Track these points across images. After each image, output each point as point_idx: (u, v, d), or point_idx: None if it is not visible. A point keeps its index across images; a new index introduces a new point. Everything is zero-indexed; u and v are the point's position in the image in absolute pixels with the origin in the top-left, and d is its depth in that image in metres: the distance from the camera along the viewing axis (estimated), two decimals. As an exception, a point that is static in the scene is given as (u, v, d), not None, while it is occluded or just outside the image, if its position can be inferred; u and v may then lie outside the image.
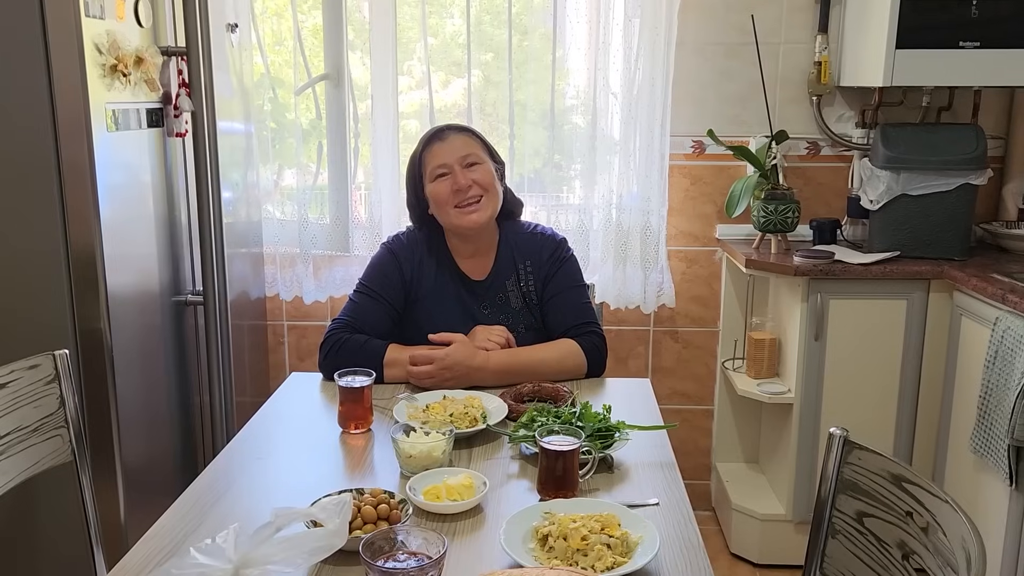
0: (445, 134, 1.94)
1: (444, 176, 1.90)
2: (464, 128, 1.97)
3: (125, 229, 1.96)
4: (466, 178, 1.89)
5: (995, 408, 2.17)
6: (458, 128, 1.97)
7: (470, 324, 1.93)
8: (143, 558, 1.19)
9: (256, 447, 1.58)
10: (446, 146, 1.92)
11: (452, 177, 1.89)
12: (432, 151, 1.93)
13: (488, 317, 1.96)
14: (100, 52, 1.80)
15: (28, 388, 1.55)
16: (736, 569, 2.77)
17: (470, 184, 1.89)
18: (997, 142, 2.89)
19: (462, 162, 1.91)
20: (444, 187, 1.90)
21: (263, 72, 2.82)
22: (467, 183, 1.89)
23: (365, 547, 1.06)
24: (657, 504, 1.35)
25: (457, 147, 1.92)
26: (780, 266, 2.57)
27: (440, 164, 1.91)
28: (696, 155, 2.93)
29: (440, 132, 1.95)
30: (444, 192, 1.90)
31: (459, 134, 1.95)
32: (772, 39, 2.85)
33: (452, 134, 1.94)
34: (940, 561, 1.11)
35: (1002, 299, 2.20)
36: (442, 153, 1.92)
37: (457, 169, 1.90)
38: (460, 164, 1.90)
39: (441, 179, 1.91)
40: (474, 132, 1.98)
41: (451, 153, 1.91)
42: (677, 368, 3.08)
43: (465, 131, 1.97)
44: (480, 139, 1.97)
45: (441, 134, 1.95)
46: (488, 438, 1.60)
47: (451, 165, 1.90)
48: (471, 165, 1.91)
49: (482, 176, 1.92)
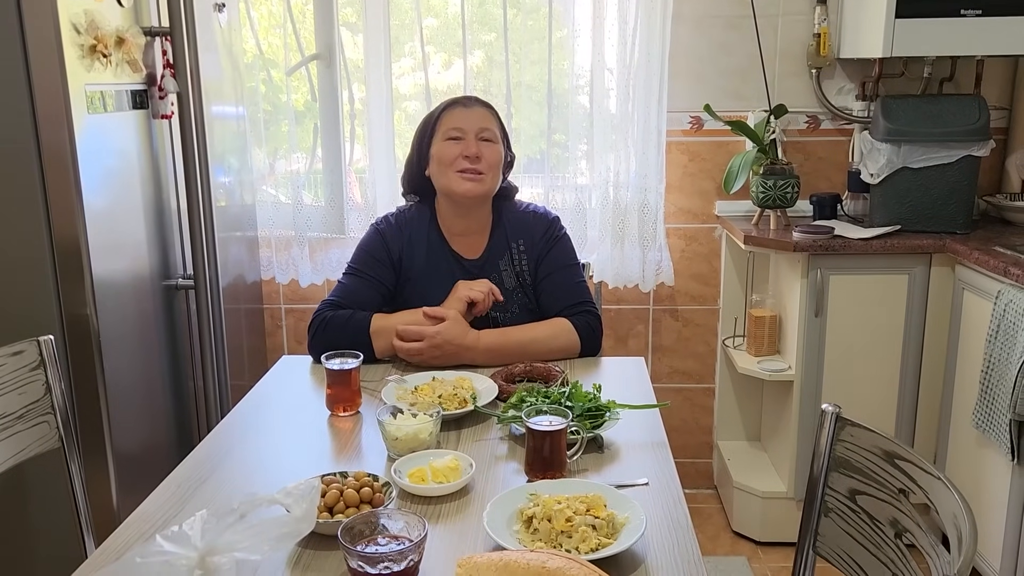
0: (470, 102, 1.95)
1: (457, 140, 1.91)
2: (489, 105, 1.97)
3: (111, 213, 1.94)
4: (477, 148, 1.90)
5: (997, 383, 2.14)
6: (484, 103, 1.97)
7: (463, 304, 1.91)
8: (124, 543, 1.18)
9: (244, 430, 1.56)
10: (469, 113, 1.93)
11: (464, 143, 1.90)
12: (453, 113, 1.93)
13: None
14: (78, 32, 1.77)
15: (12, 375, 1.53)
16: (738, 546, 2.75)
17: (479, 155, 1.89)
18: (1000, 113, 2.84)
19: (478, 133, 1.91)
20: (453, 149, 1.90)
21: (256, 53, 2.78)
22: (475, 151, 1.89)
23: (345, 531, 1.05)
24: (647, 484, 1.33)
25: (478, 118, 1.93)
26: (780, 242, 2.54)
27: (456, 127, 1.91)
28: (694, 131, 2.89)
29: (466, 99, 1.96)
30: (451, 154, 1.90)
31: (483, 108, 1.95)
32: (770, 11, 2.80)
33: (477, 105, 1.95)
34: (932, 539, 1.08)
35: (1004, 272, 2.16)
36: (463, 118, 1.92)
37: (471, 138, 1.90)
38: (476, 135, 1.91)
39: (453, 141, 1.91)
40: (497, 113, 1.98)
41: (471, 121, 1.91)
42: (677, 346, 3.05)
43: (489, 108, 1.97)
44: (500, 122, 1.98)
45: (467, 101, 1.95)
46: (477, 419, 1.58)
47: (467, 131, 1.91)
48: (485, 140, 1.92)
49: (491, 154, 1.91)
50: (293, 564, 1.10)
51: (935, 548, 1.07)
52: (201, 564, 0.82)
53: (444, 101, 1.98)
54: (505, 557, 0.99)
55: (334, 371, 1.60)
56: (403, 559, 1.02)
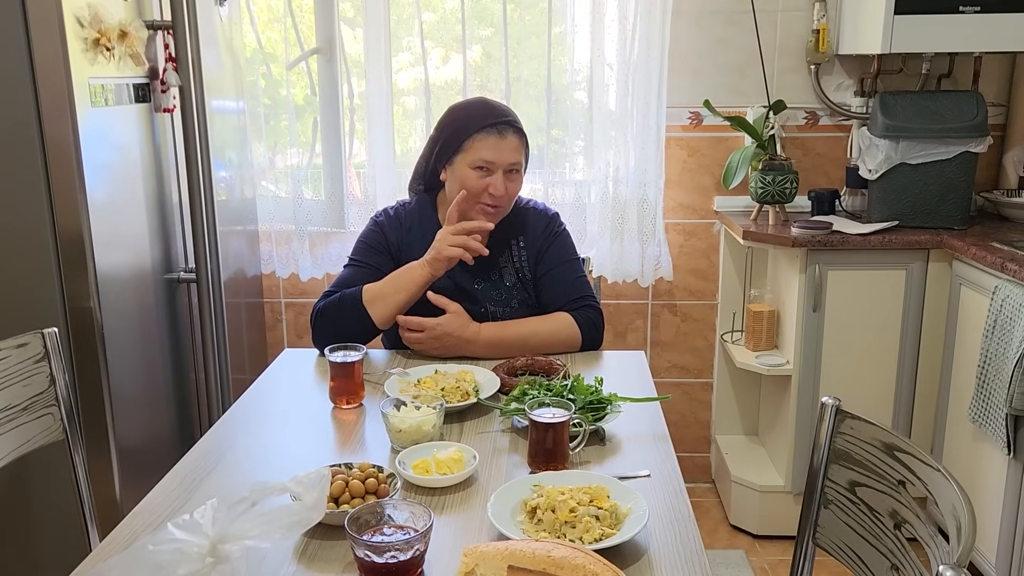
0: (506, 130, 1.86)
1: (486, 172, 1.86)
2: (521, 131, 1.90)
3: (114, 206, 1.94)
4: (502, 187, 1.85)
5: (994, 377, 2.15)
6: (518, 129, 1.89)
7: (463, 299, 1.92)
8: (130, 533, 1.19)
9: (247, 423, 1.57)
10: (502, 144, 1.85)
11: (493, 178, 1.85)
12: (487, 141, 1.85)
13: (481, 292, 1.95)
14: (82, 25, 1.78)
15: (17, 367, 1.54)
16: (735, 540, 2.77)
17: (503, 195, 1.86)
18: (998, 109, 2.85)
19: (508, 168, 1.86)
20: (481, 183, 1.85)
21: (256, 48, 2.79)
22: (502, 192, 1.85)
23: (351, 521, 1.06)
24: (648, 476, 1.34)
25: (510, 151, 1.86)
26: (778, 237, 2.55)
27: (489, 160, 1.85)
28: (693, 126, 2.90)
29: (502, 125, 1.86)
30: (478, 187, 1.86)
31: (516, 136, 1.88)
32: (770, 7, 2.81)
33: (511, 134, 1.87)
34: (932, 530, 1.10)
35: (1001, 268, 2.18)
36: (495, 151, 1.85)
37: (500, 174, 1.85)
38: (505, 169, 1.86)
39: (481, 172, 1.85)
40: (526, 137, 1.92)
41: (504, 156, 1.85)
42: (676, 341, 3.07)
43: (521, 134, 1.90)
44: (526, 143, 1.93)
45: (502, 128, 1.86)
46: (480, 412, 1.59)
47: (497, 166, 1.85)
48: (513, 173, 1.88)
49: (514, 189, 1.89)
50: (300, 554, 1.12)
51: (934, 539, 1.08)
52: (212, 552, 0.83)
53: (478, 108, 1.89)
54: (511, 546, 1.00)
55: (337, 363, 1.61)
56: (409, 548, 1.03)
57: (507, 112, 1.91)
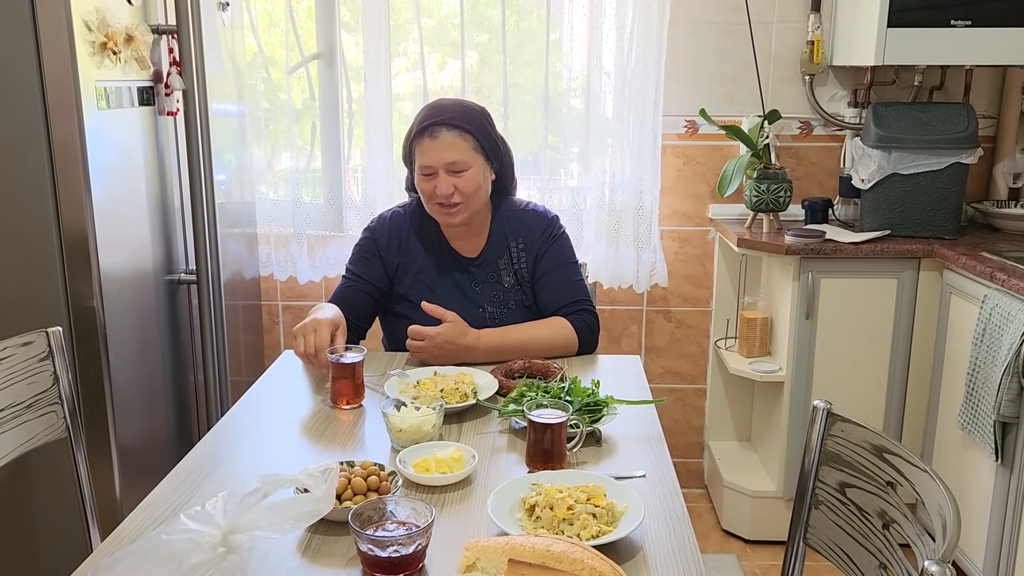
0: (437, 131, 1.86)
1: (429, 175, 1.88)
2: (456, 125, 1.86)
3: (117, 208, 1.96)
4: (448, 186, 1.86)
5: (982, 385, 2.19)
6: (451, 125, 1.86)
7: (461, 300, 1.95)
8: (137, 527, 1.21)
9: (249, 422, 1.60)
10: (435, 145, 1.86)
11: (436, 180, 1.87)
12: (422, 146, 1.87)
13: (480, 294, 1.98)
14: (89, 29, 1.80)
15: (22, 365, 1.56)
16: (727, 545, 2.80)
17: (451, 192, 1.87)
18: (989, 121, 2.90)
19: (447, 168, 1.86)
20: (428, 186, 1.89)
21: (256, 52, 2.81)
22: (448, 191, 1.86)
23: (354, 517, 1.08)
24: (644, 476, 1.37)
25: (444, 150, 1.85)
26: (772, 245, 2.58)
27: (426, 164, 1.87)
28: (689, 135, 2.94)
29: (433, 128, 1.86)
30: (427, 190, 1.89)
31: (451, 132, 1.86)
32: (765, 18, 2.85)
33: (445, 132, 1.86)
34: (919, 529, 1.13)
35: (990, 277, 2.21)
36: (430, 153, 1.86)
37: (442, 174, 1.86)
38: (445, 170, 1.86)
39: (426, 177, 1.89)
40: (466, 128, 1.88)
41: (438, 156, 1.86)
42: (670, 347, 3.10)
43: (457, 128, 1.86)
44: (473, 135, 1.88)
45: (433, 130, 1.86)
46: (478, 413, 1.62)
47: (435, 167, 1.86)
48: (458, 172, 1.87)
49: (464, 183, 1.87)
50: (304, 548, 1.14)
51: (921, 538, 1.11)
52: (224, 541, 0.85)
53: (417, 117, 1.91)
54: (511, 541, 1.03)
55: (337, 364, 1.64)
56: (411, 543, 1.06)
57: (443, 111, 1.88)
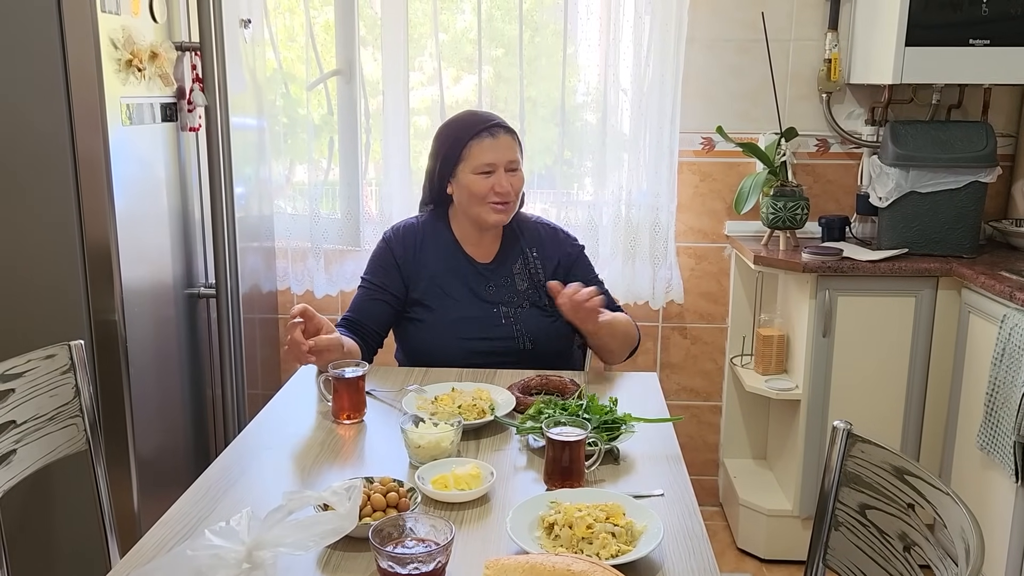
0: (497, 131, 1.97)
1: (488, 174, 1.95)
2: (511, 129, 2.00)
3: (139, 222, 1.99)
4: (508, 183, 1.96)
5: (1002, 405, 2.17)
6: (507, 128, 1.99)
7: (475, 301, 2.00)
8: (157, 542, 1.22)
9: (266, 438, 1.60)
10: (498, 144, 1.96)
11: (496, 177, 1.95)
12: (483, 145, 1.96)
13: (494, 295, 2.03)
14: (116, 47, 1.83)
15: (45, 377, 1.58)
16: (743, 564, 2.78)
17: (509, 190, 1.96)
18: (1007, 140, 2.89)
19: (507, 166, 1.96)
20: (486, 184, 1.95)
21: (275, 67, 2.84)
22: (507, 188, 1.95)
23: (375, 533, 1.09)
24: (662, 495, 1.37)
25: (506, 149, 1.96)
26: (789, 263, 2.58)
27: (489, 162, 1.95)
28: (705, 152, 2.94)
29: (493, 128, 1.97)
30: (485, 188, 1.95)
31: (508, 135, 1.98)
32: (782, 36, 2.85)
33: (503, 133, 1.97)
34: (940, 552, 1.12)
35: (1010, 296, 2.20)
36: (493, 151, 1.95)
37: (501, 172, 1.95)
38: (505, 167, 1.96)
39: (485, 176, 1.95)
40: (516, 135, 2.02)
41: (501, 154, 1.95)
42: (685, 364, 3.09)
43: (512, 132, 2.00)
44: (519, 141, 2.02)
45: (493, 131, 1.97)
46: (496, 430, 1.62)
47: (497, 165, 1.95)
48: (513, 170, 1.98)
49: (518, 183, 2.00)
50: (324, 564, 1.14)
51: (943, 561, 1.11)
52: (249, 558, 0.86)
53: (468, 120, 1.99)
54: (531, 560, 1.03)
55: (338, 379, 1.64)
56: (431, 560, 1.06)
57: (494, 116, 2.02)
